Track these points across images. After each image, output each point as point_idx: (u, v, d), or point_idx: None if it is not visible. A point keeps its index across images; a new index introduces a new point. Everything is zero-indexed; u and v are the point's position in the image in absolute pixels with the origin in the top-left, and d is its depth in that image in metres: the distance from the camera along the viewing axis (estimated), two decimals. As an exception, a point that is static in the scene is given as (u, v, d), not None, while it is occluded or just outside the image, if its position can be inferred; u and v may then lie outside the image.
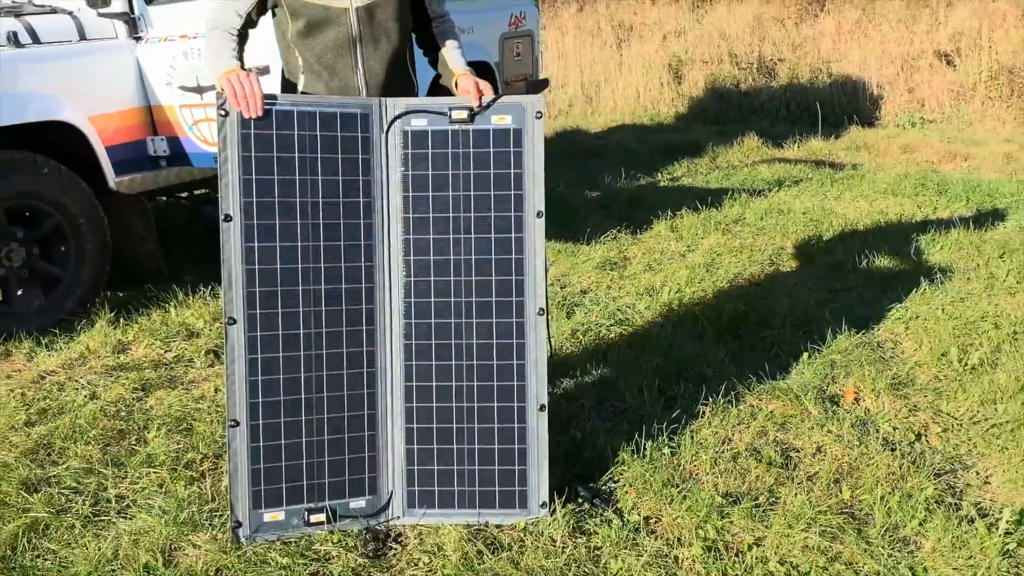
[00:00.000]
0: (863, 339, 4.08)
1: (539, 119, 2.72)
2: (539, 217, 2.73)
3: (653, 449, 3.12)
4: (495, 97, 2.73)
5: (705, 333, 4.15)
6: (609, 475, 3.01)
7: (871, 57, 11.21)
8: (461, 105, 2.73)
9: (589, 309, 4.49)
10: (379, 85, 2.85)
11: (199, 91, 4.52)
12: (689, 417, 3.37)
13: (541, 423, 2.77)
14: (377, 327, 2.75)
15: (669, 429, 3.25)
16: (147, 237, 4.85)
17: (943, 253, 5.21)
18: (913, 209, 6.22)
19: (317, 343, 2.70)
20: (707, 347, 3.98)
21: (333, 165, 2.64)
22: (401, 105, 2.71)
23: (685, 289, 4.71)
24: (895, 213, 6.10)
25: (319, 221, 2.65)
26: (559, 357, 3.93)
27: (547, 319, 2.81)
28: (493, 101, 2.72)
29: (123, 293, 4.68)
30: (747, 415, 3.41)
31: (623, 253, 5.37)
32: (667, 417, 3.32)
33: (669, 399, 3.51)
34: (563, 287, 4.85)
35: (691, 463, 3.10)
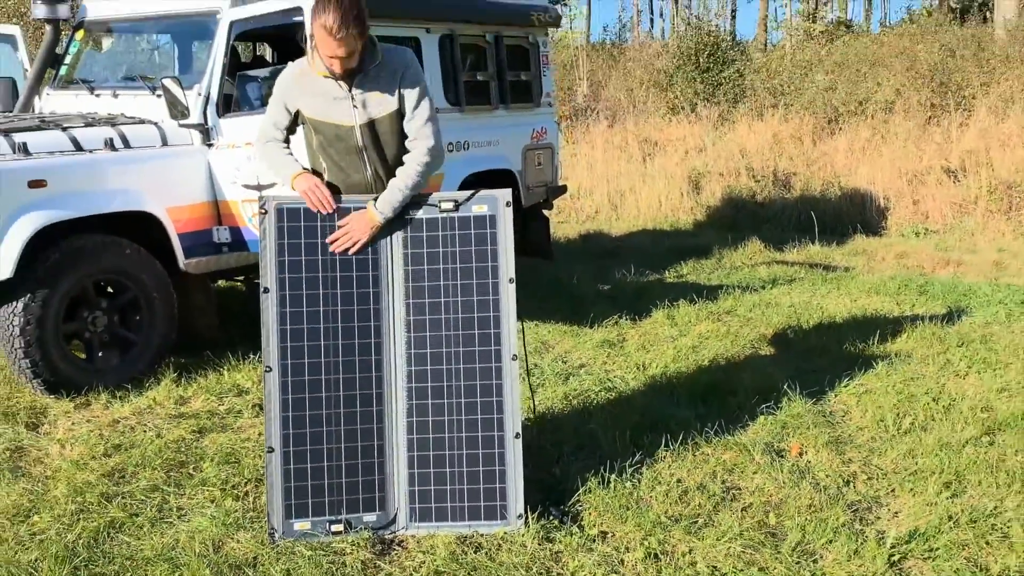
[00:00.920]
0: (816, 407, 4.70)
1: (508, 207, 3.51)
2: (511, 282, 3.47)
3: (616, 482, 3.77)
4: (473, 192, 3.52)
5: (680, 399, 4.80)
6: (577, 500, 3.66)
7: (881, 172, 11.95)
8: (448, 198, 3.51)
9: (583, 378, 5.17)
10: (383, 182, 3.59)
11: (258, 188, 5.36)
12: (652, 460, 4.01)
13: (516, 448, 3.45)
14: (384, 374, 3.47)
15: (633, 469, 3.90)
16: (208, 311, 5.67)
17: (907, 342, 5.82)
18: (891, 306, 6.85)
19: (335, 386, 3.44)
20: (679, 410, 4.62)
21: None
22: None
23: (670, 365, 5.38)
24: (873, 309, 6.74)
25: (337, 291, 3.44)
26: (550, 413, 4.61)
27: (526, 366, 3.52)
28: (473, 195, 3.50)
29: (185, 358, 5.44)
30: (702, 461, 4.05)
31: (621, 335, 6.06)
32: (633, 460, 3.97)
33: (638, 447, 4.15)
34: (564, 361, 5.54)
35: (647, 494, 3.73)
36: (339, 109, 3.54)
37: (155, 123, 5.52)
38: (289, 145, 3.68)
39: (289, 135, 3.68)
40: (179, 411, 4.78)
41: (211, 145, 5.54)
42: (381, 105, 3.55)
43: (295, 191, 3.49)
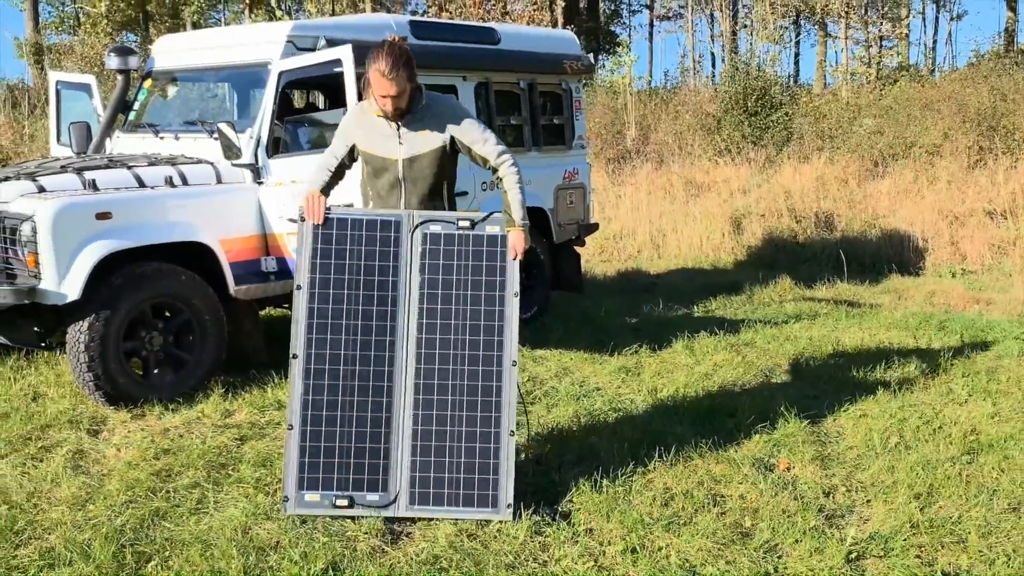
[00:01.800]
0: (811, 428, 5.00)
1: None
2: (515, 296, 3.90)
3: (608, 487, 4.12)
4: (489, 213, 3.97)
5: (683, 418, 5.13)
6: (570, 500, 4.02)
7: (921, 213, 12.10)
8: (465, 218, 3.98)
9: (595, 399, 5.53)
10: (414, 208, 4.11)
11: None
12: (645, 470, 4.36)
13: (510, 444, 3.84)
14: (395, 369, 3.92)
15: (626, 476, 4.25)
16: (254, 334, 6.17)
17: (914, 372, 6.06)
18: (908, 340, 7.08)
19: (351, 376, 3.91)
20: (679, 427, 4.95)
21: (373, 254, 3.93)
22: (423, 216, 3.98)
23: (681, 389, 5.71)
24: (889, 342, 6.98)
25: (359, 292, 3.92)
26: (558, 428, 4.97)
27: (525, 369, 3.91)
28: (488, 216, 3.95)
29: (232, 377, 5.93)
30: (692, 471, 4.38)
31: (640, 363, 6.40)
32: (627, 469, 4.32)
33: (635, 458, 4.49)
34: (580, 384, 5.90)
35: (635, 498, 4.07)
36: (387, 144, 4.15)
37: (211, 163, 6.08)
38: (342, 178, 4.26)
39: (344, 167, 4.25)
40: (224, 422, 5.25)
41: (261, 183, 6.07)
42: (423, 143, 4.14)
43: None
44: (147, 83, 7.00)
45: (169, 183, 5.79)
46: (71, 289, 5.18)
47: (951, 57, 40.74)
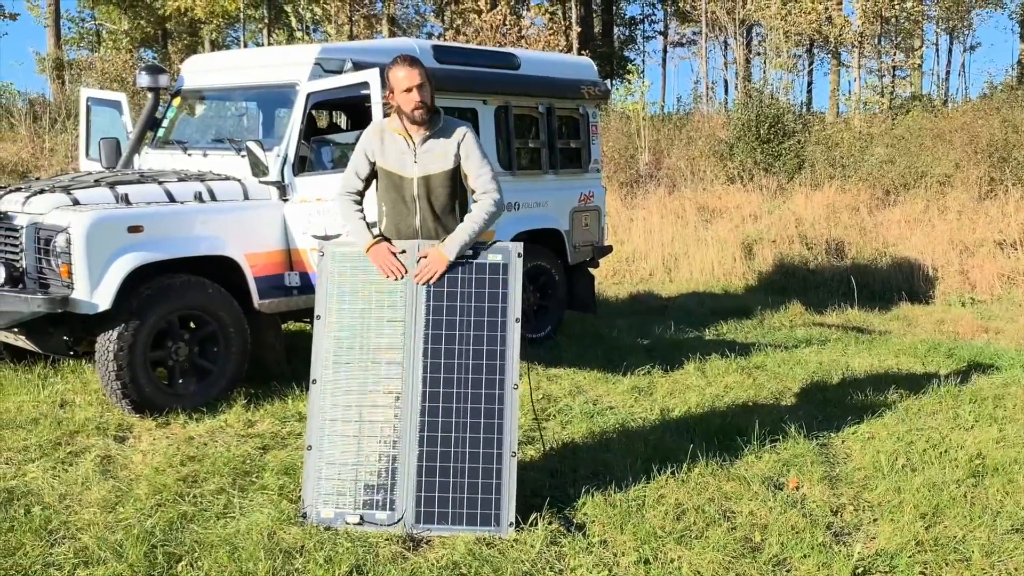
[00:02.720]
0: (820, 449, 5.11)
1: (519, 257, 4.13)
2: (516, 322, 4.05)
3: (622, 501, 4.24)
4: (491, 242, 4.13)
5: (694, 437, 5.25)
6: (584, 514, 4.14)
7: (932, 243, 12.22)
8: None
9: (608, 417, 5.65)
10: (429, 228, 4.27)
11: (326, 239, 6.03)
12: (658, 486, 4.48)
13: (512, 465, 3.97)
14: (404, 393, 4.05)
15: (638, 491, 4.37)
16: (277, 347, 6.33)
17: (921, 398, 6.17)
18: (916, 366, 7.19)
19: (362, 400, 4.05)
20: (690, 445, 5.07)
21: (384, 282, 4.09)
22: (428, 245, 4.14)
23: (692, 409, 5.83)
24: (898, 368, 7.09)
25: (371, 320, 4.08)
26: (572, 445, 5.10)
27: (529, 391, 4.05)
28: (491, 245, 4.11)
29: (255, 388, 6.08)
30: (703, 488, 4.50)
31: (652, 383, 6.52)
32: (640, 484, 4.44)
33: (647, 474, 4.61)
34: (594, 403, 6.03)
35: (648, 512, 4.19)
36: (403, 162, 4.30)
37: (239, 179, 6.25)
38: (363, 199, 4.40)
39: (366, 186, 4.40)
40: (247, 431, 5.40)
41: (286, 200, 6.24)
42: (437, 163, 4.30)
43: (371, 259, 4.15)
44: (176, 101, 7.19)
45: (198, 199, 5.96)
46: (102, 299, 5.35)
47: (964, 88, 40.90)
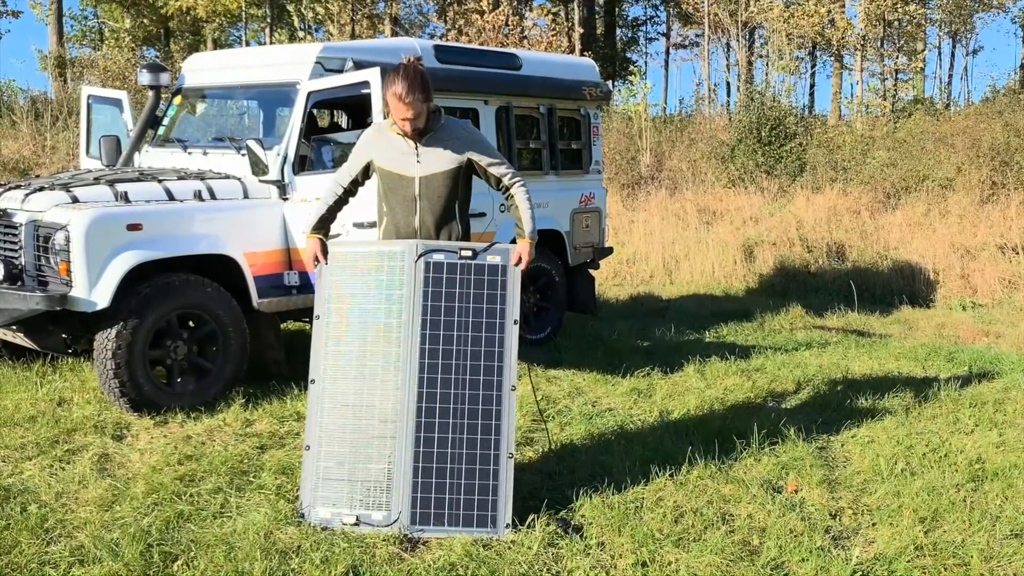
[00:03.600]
0: (819, 452, 5.09)
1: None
2: (515, 324, 4.02)
3: (620, 503, 4.23)
4: (490, 244, 4.11)
5: (693, 439, 5.23)
6: (583, 515, 4.13)
7: (933, 247, 12.20)
8: (468, 247, 4.11)
9: (607, 419, 5.64)
10: (428, 228, 4.26)
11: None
12: (656, 488, 4.46)
13: (509, 467, 3.95)
14: (400, 393, 4.03)
15: (637, 493, 4.36)
16: (275, 347, 6.31)
17: (921, 402, 6.15)
18: (916, 370, 7.18)
19: (359, 400, 4.04)
20: (689, 448, 5.05)
21: (381, 283, 4.06)
22: (426, 246, 4.12)
23: (691, 411, 5.82)
24: (898, 372, 7.07)
25: (367, 321, 4.06)
26: (571, 446, 5.09)
27: (532, 391, 4.04)
28: (489, 247, 4.09)
29: (253, 387, 6.07)
30: (701, 491, 4.48)
31: (651, 385, 6.51)
32: (639, 486, 4.43)
33: (646, 476, 4.60)
34: (593, 404, 6.01)
35: (646, 514, 4.18)
36: (404, 162, 4.29)
37: (239, 178, 6.24)
38: (354, 195, 4.43)
39: (356, 185, 4.42)
40: (245, 431, 5.38)
41: (286, 199, 6.23)
42: (440, 162, 4.28)
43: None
44: (177, 99, 7.18)
45: (198, 197, 5.95)
46: (101, 297, 5.33)
47: (967, 91, 40.89)
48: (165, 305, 5.58)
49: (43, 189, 5.72)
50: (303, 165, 6.26)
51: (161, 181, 5.99)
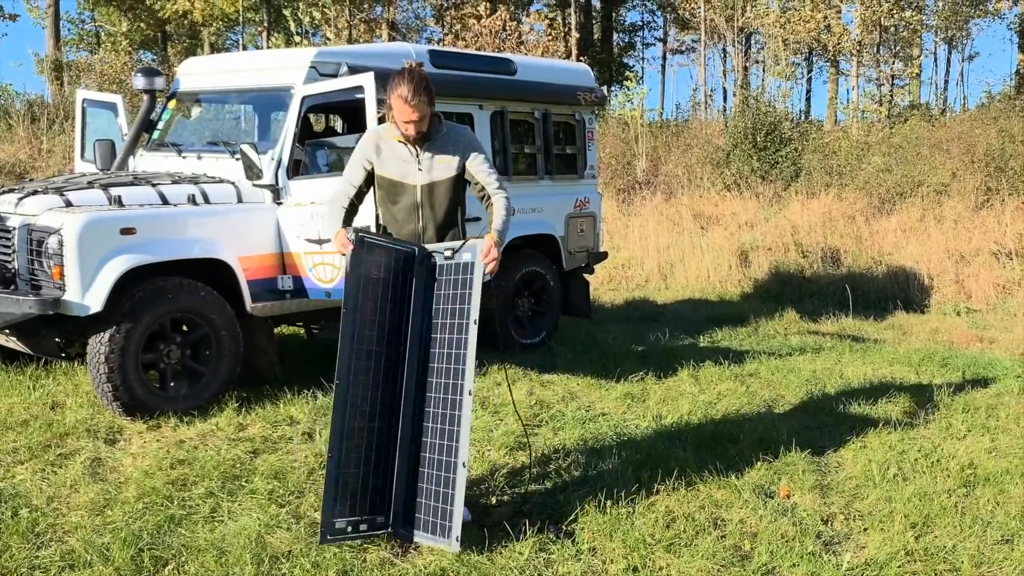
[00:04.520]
0: (812, 458, 5.10)
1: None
2: (474, 324, 3.88)
3: (612, 508, 4.23)
4: (464, 240, 4.06)
5: (686, 444, 5.24)
6: (574, 520, 4.13)
7: (928, 252, 12.22)
8: (447, 247, 4.06)
9: (600, 424, 5.64)
10: (431, 235, 4.23)
11: (319, 243, 6.03)
12: (648, 492, 4.46)
13: (461, 476, 3.81)
14: (400, 398, 4.00)
15: (629, 498, 4.36)
16: (269, 351, 6.31)
17: (915, 407, 6.15)
18: (910, 375, 7.19)
19: (369, 403, 3.96)
20: (682, 453, 5.06)
21: (396, 280, 4.02)
22: (426, 249, 4.11)
23: (684, 416, 5.82)
24: (891, 377, 7.08)
25: (380, 318, 4.01)
26: (564, 451, 5.09)
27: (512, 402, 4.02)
28: (463, 244, 4.02)
29: (246, 391, 6.07)
30: (694, 496, 4.48)
31: (645, 390, 6.51)
32: (631, 491, 4.43)
33: (638, 481, 4.60)
34: (586, 409, 6.02)
35: (638, 519, 4.18)
36: (406, 170, 4.24)
37: (232, 182, 6.24)
38: (358, 206, 4.32)
39: (362, 193, 4.32)
40: (238, 435, 5.37)
41: (280, 203, 6.23)
42: (442, 169, 4.25)
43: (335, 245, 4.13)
44: (172, 103, 7.19)
45: (192, 201, 5.95)
46: (94, 301, 5.33)
47: (962, 97, 40.93)
48: (158, 309, 5.58)
49: (37, 193, 5.72)
50: (297, 169, 6.26)
51: (155, 185, 5.99)
